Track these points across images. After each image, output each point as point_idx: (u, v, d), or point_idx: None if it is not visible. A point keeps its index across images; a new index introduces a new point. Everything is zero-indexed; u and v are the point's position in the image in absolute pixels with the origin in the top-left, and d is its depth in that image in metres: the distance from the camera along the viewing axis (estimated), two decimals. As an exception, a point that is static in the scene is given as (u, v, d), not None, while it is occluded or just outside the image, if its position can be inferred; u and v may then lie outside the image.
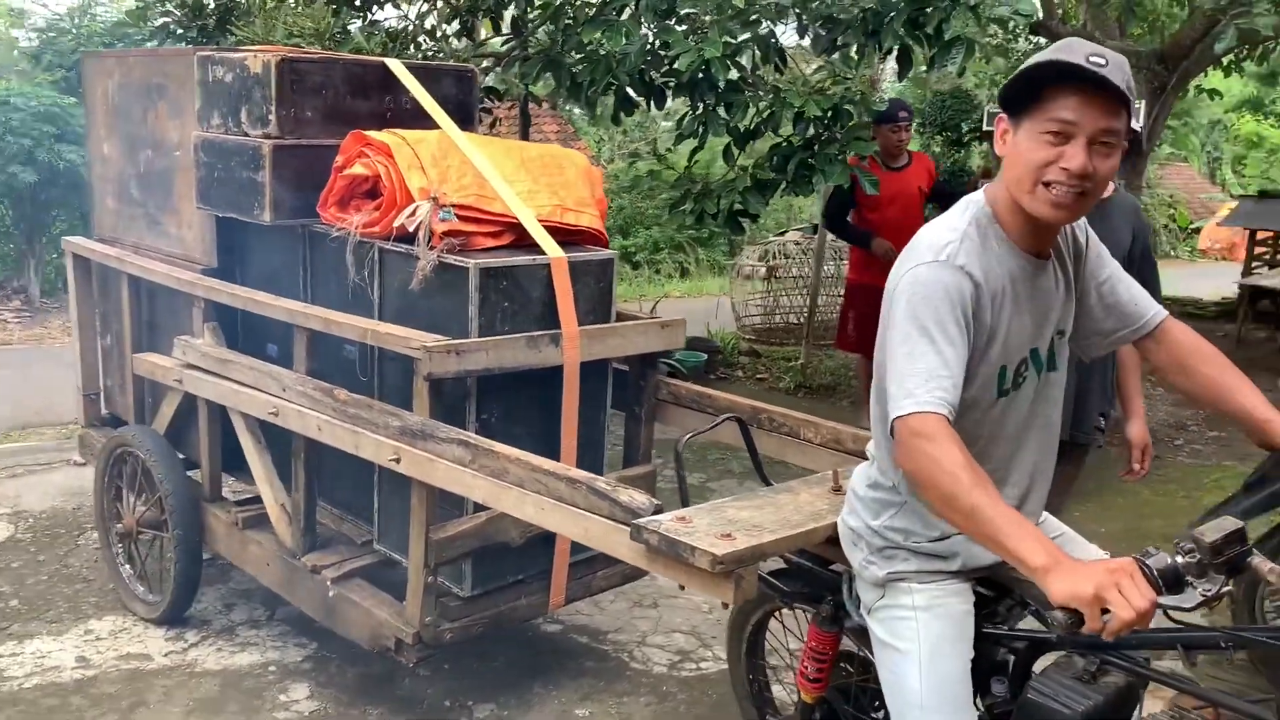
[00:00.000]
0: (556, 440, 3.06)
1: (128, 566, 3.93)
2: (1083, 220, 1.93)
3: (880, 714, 2.31)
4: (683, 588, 2.19)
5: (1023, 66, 1.73)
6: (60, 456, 5.61)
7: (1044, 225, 1.80)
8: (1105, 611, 1.46)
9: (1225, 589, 1.51)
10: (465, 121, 3.65)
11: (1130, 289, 2.02)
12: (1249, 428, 1.95)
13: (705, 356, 7.55)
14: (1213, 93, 10.68)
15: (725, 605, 2.27)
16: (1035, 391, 1.92)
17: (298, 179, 3.29)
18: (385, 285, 3.14)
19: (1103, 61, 1.67)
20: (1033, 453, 1.97)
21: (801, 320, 8.99)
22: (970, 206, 1.86)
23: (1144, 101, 7.69)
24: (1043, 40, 9.81)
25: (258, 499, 3.49)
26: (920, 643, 1.92)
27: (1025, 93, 1.73)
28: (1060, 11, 8.60)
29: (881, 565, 2.00)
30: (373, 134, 3.14)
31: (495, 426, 2.98)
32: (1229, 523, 1.53)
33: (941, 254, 1.76)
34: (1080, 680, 1.78)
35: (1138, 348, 2.06)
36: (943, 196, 5.88)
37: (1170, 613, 1.66)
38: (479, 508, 2.86)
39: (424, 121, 3.41)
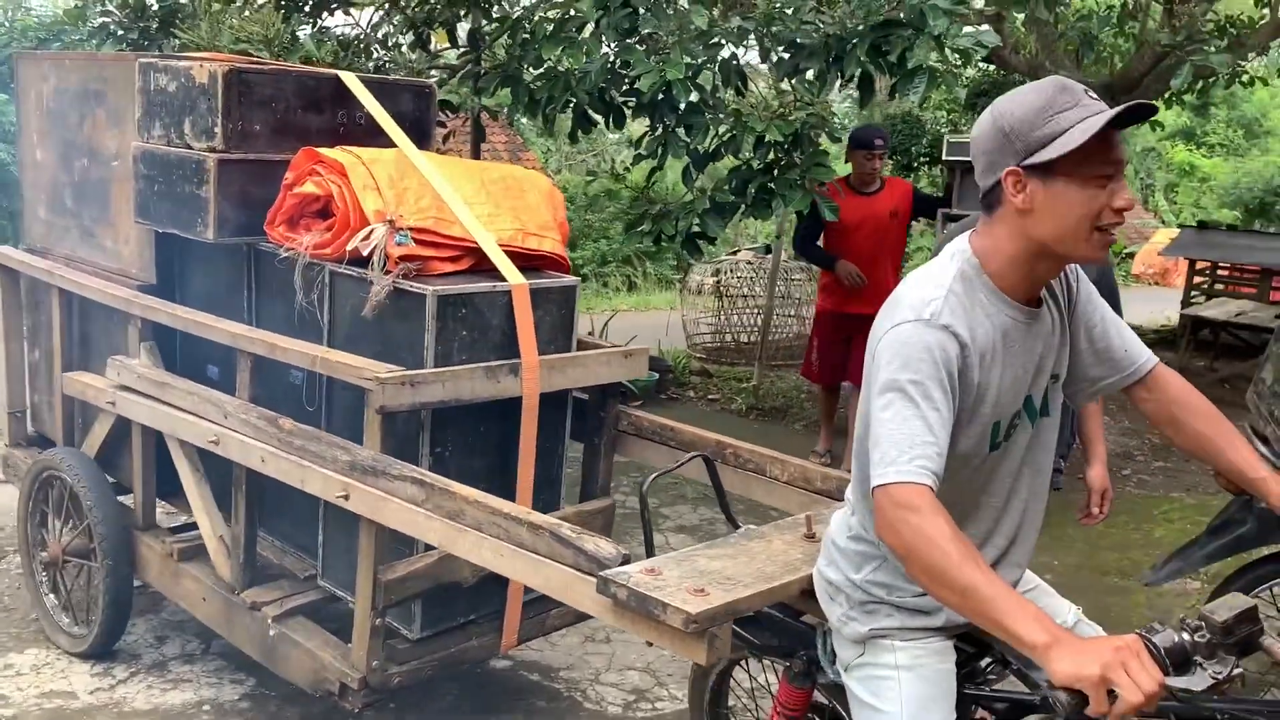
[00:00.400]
0: (513, 474, 2.95)
1: (52, 596, 3.72)
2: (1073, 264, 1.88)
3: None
4: (650, 644, 2.06)
5: (1058, 128, 1.63)
6: (-19, 473, 5.33)
7: (1046, 274, 1.76)
8: (1111, 693, 1.38)
9: (1236, 671, 1.44)
10: (422, 138, 3.53)
11: (1121, 333, 1.95)
12: (1240, 484, 1.92)
13: (656, 376, 7.46)
14: (1155, 123, 10.91)
15: (735, 659, 2.15)
16: (1029, 440, 1.86)
17: (244, 195, 3.14)
18: (335, 309, 3.00)
19: (1096, 95, 1.66)
20: (1023, 499, 1.91)
21: (753, 340, 8.97)
22: (955, 258, 1.77)
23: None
24: (991, 68, 9.93)
25: (194, 526, 3.32)
26: (902, 704, 1.84)
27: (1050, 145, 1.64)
28: (1013, 40, 8.68)
29: (863, 621, 1.90)
30: (325, 151, 3.01)
31: (450, 460, 2.86)
32: (1240, 601, 1.47)
33: (924, 312, 1.68)
34: None
35: (1128, 395, 1.98)
36: (926, 206, 6.10)
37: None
38: (431, 545, 2.72)
39: (379, 138, 3.28)
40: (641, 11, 4.65)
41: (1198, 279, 10.16)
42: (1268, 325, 8.11)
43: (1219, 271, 10.45)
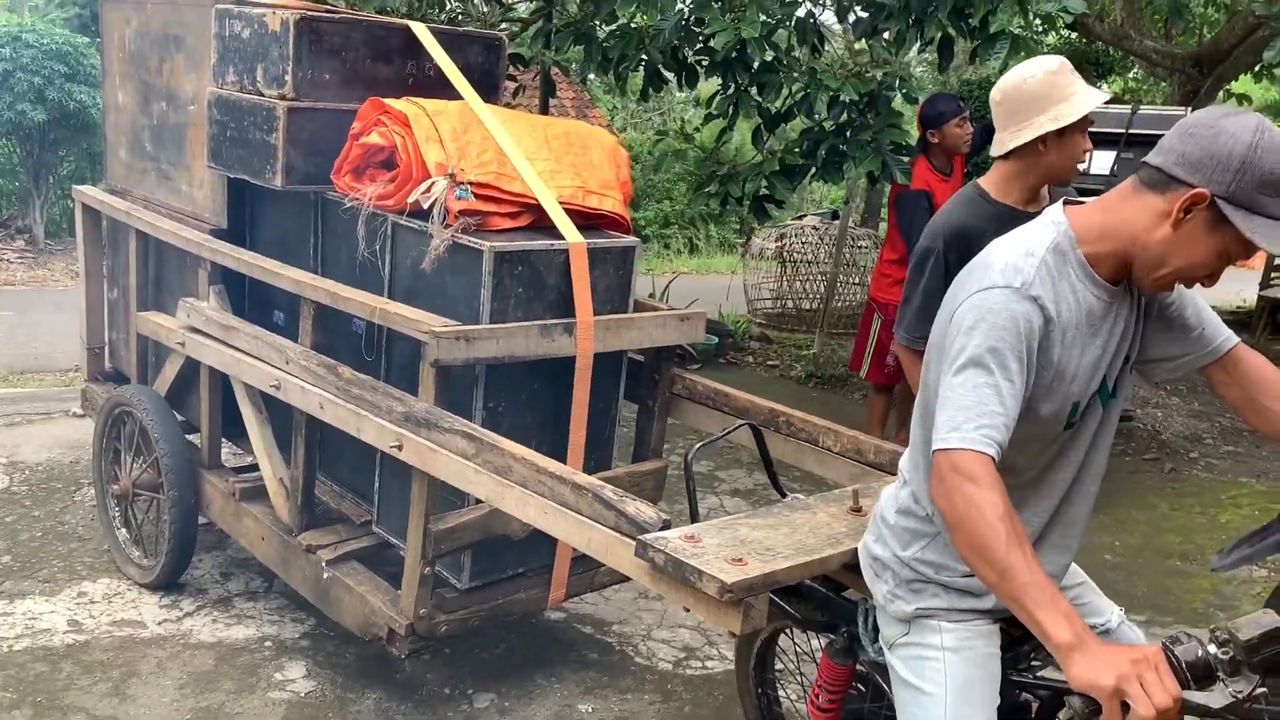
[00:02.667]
0: (565, 432, 2.96)
1: (124, 530, 3.84)
2: None
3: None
4: (687, 610, 2.02)
5: None
6: (60, 407, 5.52)
7: (1129, 264, 1.67)
8: (1125, 707, 1.35)
9: (1259, 689, 1.37)
10: (490, 92, 3.52)
11: (1200, 311, 1.84)
12: None
13: (717, 340, 7.44)
14: (1242, 97, 10.52)
15: (780, 626, 2.13)
16: (1099, 421, 1.80)
17: (312, 143, 3.16)
18: (396, 261, 3.02)
19: None
20: (1086, 481, 1.86)
21: (815, 307, 8.88)
22: (1051, 228, 1.69)
23: (1183, 107, 7.53)
24: (1074, 35, 9.63)
25: (256, 467, 3.40)
26: (947, 687, 1.80)
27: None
28: (1096, 7, 8.40)
29: (909, 600, 1.86)
30: (391, 102, 3.01)
31: (502, 416, 2.87)
32: (1270, 619, 1.40)
33: (1015, 280, 1.62)
34: None
35: (1204, 374, 1.88)
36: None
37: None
38: (479, 499, 2.75)
39: (447, 90, 3.27)
40: (718, -32, 4.58)
41: (1279, 261, 9.83)
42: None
43: (1304, 253, 10.07)
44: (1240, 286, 10.16)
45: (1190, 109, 8.04)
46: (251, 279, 3.38)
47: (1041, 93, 2.73)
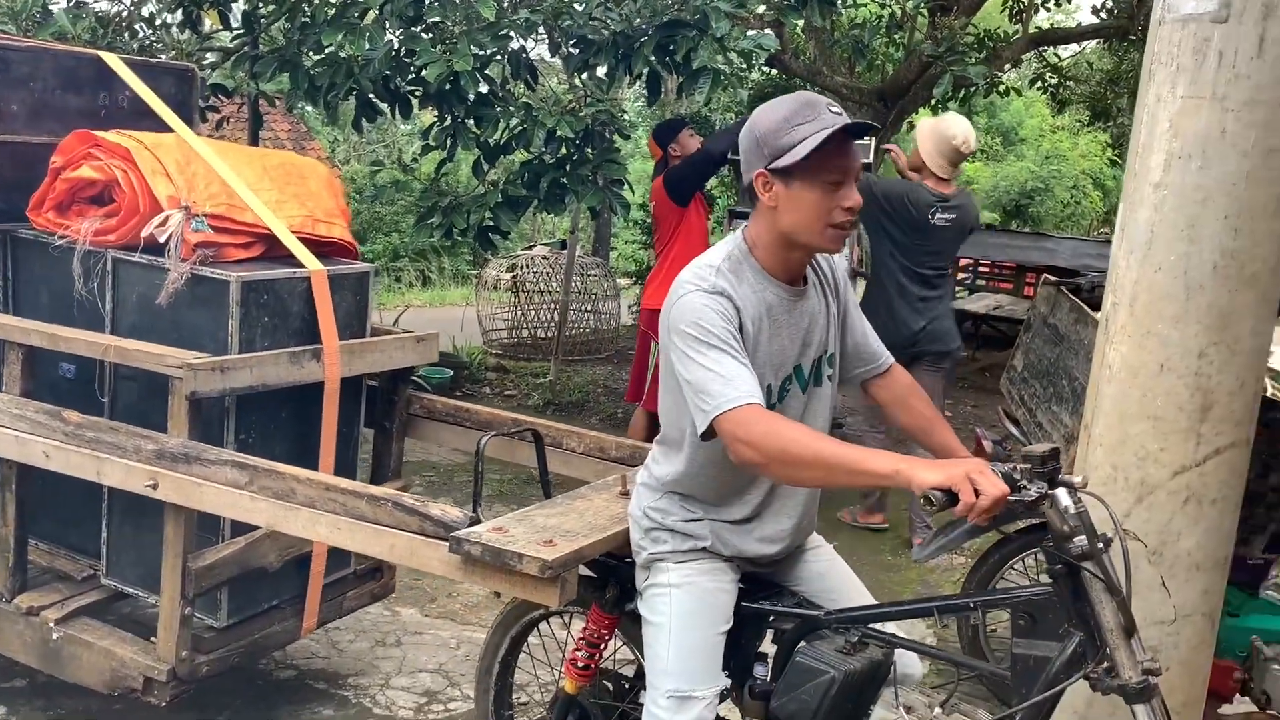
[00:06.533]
0: (313, 458, 2.95)
1: None
2: (837, 257, 2.17)
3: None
4: (498, 595, 2.37)
5: (795, 139, 1.89)
6: None
7: (801, 260, 2.03)
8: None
9: (1047, 493, 1.74)
10: (186, 123, 3.36)
11: (868, 335, 2.27)
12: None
13: (451, 373, 7.36)
14: (923, 128, 11.62)
15: (545, 612, 2.49)
16: (803, 405, 2.10)
17: (-1, 178, 2.96)
18: (120, 298, 2.89)
19: (839, 110, 1.94)
20: None
21: (550, 335, 8.98)
22: (727, 244, 2.06)
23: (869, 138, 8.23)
24: (774, 71, 10.33)
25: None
26: (671, 616, 2.09)
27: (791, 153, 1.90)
28: (793, 46, 9.05)
29: (648, 546, 2.15)
30: (104, 135, 2.89)
31: (253, 446, 2.84)
32: (1049, 445, 1.81)
33: (704, 282, 1.95)
34: (841, 651, 2.00)
35: (866, 385, 2.31)
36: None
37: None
38: (236, 532, 2.77)
39: (141, 121, 3.16)
40: (427, 0, 4.55)
41: (961, 275, 10.93)
42: (1021, 318, 8.82)
43: (980, 268, 11.28)
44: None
45: (873, 140, 8.82)
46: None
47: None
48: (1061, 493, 1.75)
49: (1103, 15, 9.73)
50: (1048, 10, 10.54)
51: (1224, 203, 2.12)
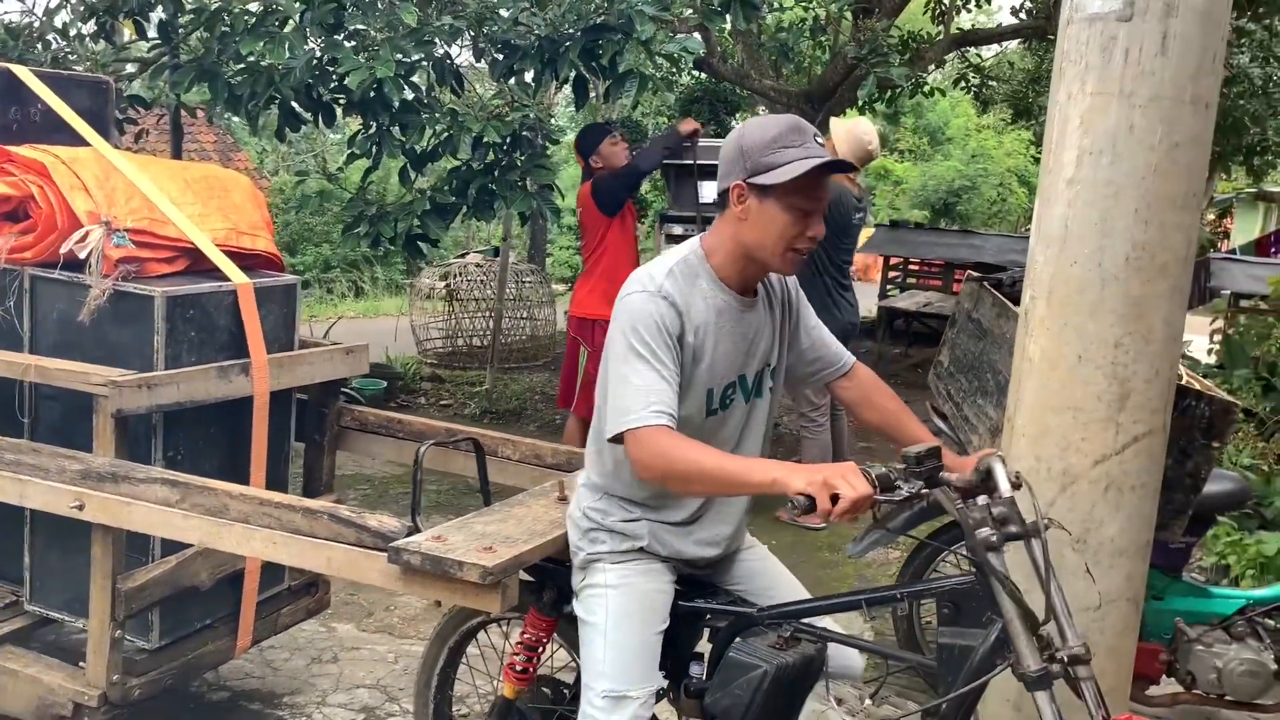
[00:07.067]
0: (244, 473, 2.92)
1: None
2: (792, 278, 2.23)
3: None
4: (439, 604, 2.36)
5: (779, 160, 1.94)
6: None
7: (756, 273, 2.08)
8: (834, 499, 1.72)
9: (925, 491, 1.82)
10: (103, 136, 3.27)
11: (824, 336, 2.34)
12: None
13: (384, 384, 7.28)
14: (851, 130, 11.77)
15: (483, 621, 2.47)
16: (745, 415, 2.16)
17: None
18: (39, 316, 2.83)
19: (823, 142, 1.98)
20: None
21: (485, 343, 8.92)
22: (684, 248, 2.10)
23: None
24: (704, 75, 10.39)
25: None
26: (607, 615, 2.11)
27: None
28: (720, 50, 9.11)
29: (586, 547, 2.18)
30: (18, 150, 2.83)
31: (182, 463, 2.80)
32: (928, 445, 1.88)
33: (650, 285, 1.99)
34: (774, 646, 2.03)
35: (833, 386, 2.37)
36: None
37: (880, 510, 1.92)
38: (167, 551, 2.73)
39: (55, 135, 3.08)
40: (348, 7, 4.50)
41: (891, 273, 11.10)
42: (949, 314, 8.99)
43: (910, 266, 11.45)
44: (864, 299, 11.31)
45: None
46: None
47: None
48: (942, 490, 1.82)
49: (1022, 16, 9.97)
50: (969, 12, 10.76)
51: (1134, 196, 2.17)
